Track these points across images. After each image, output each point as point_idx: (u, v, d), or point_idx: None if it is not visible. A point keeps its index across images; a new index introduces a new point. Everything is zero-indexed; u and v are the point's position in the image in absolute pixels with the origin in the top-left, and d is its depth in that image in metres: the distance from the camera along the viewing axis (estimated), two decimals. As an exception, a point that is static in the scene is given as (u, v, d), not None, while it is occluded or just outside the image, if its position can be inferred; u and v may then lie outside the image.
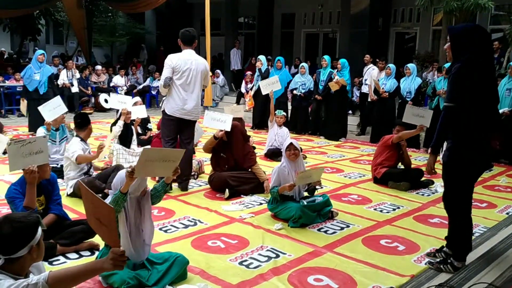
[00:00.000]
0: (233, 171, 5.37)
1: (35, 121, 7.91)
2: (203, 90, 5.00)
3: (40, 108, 5.94)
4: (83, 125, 5.06)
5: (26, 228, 1.90)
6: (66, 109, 6.07)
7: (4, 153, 5.56)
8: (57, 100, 5.98)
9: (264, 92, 8.37)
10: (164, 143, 5.27)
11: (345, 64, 9.49)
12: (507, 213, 5.01)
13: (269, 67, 10.64)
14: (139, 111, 6.96)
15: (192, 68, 5.03)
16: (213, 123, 5.43)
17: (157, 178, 5.07)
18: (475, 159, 3.35)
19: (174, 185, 5.17)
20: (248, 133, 6.08)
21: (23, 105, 9.04)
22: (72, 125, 5.55)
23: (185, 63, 5.02)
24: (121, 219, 3.05)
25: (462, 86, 3.22)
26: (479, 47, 3.27)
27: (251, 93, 10.69)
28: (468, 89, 3.22)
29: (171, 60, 5.04)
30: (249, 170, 5.45)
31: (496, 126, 3.43)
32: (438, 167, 3.59)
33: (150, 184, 4.31)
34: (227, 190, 5.19)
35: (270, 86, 8.24)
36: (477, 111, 3.27)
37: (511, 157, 7.54)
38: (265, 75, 9.95)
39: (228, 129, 5.33)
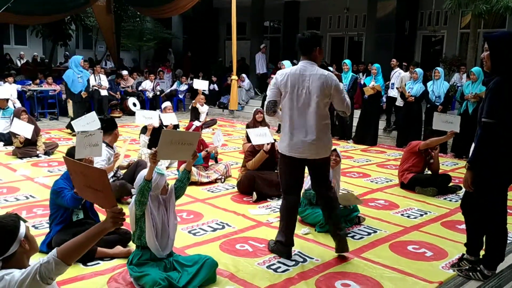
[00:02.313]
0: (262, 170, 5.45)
1: None
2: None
3: (73, 122, 6.13)
4: (108, 130, 4.98)
5: (5, 228, 2.01)
6: (99, 125, 5.94)
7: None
8: (92, 116, 6.00)
9: None
10: (283, 196, 3.87)
11: (379, 70, 9.33)
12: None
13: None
14: (170, 118, 7.09)
15: (306, 86, 3.57)
16: (259, 139, 5.48)
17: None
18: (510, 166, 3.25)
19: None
20: (274, 137, 6.12)
21: (70, 106, 9.40)
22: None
23: (295, 80, 3.60)
24: (147, 217, 3.17)
25: (503, 101, 3.10)
26: None
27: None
28: (509, 105, 3.09)
29: (276, 77, 3.70)
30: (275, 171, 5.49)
31: None
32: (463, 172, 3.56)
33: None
34: (254, 193, 5.26)
35: None
36: None
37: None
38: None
39: (272, 141, 5.52)
